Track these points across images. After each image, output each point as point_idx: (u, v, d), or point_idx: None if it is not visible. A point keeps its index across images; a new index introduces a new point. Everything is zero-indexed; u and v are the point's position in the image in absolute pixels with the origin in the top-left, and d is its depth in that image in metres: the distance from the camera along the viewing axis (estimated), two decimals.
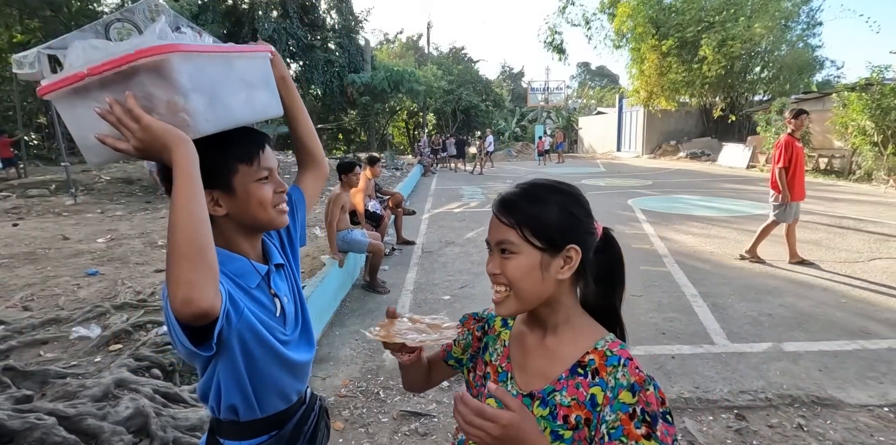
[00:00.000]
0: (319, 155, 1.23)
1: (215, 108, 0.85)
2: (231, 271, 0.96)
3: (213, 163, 0.91)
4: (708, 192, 11.20)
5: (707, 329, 3.68)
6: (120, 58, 0.77)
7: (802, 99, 16.27)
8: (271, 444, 1.03)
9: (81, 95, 0.82)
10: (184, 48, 0.79)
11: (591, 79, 54.01)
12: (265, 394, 1.01)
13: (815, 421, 2.55)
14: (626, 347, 0.84)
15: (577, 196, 0.86)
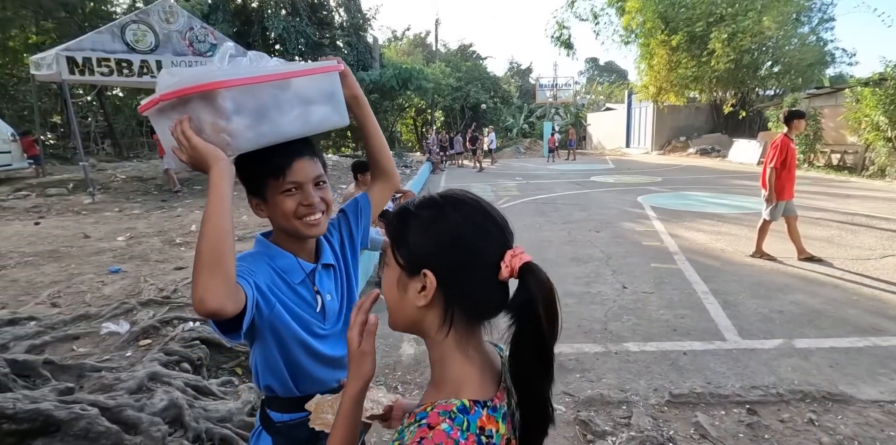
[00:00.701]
0: (389, 168, 1.28)
1: (259, 126, 0.96)
2: (279, 266, 1.07)
3: (250, 175, 1.06)
4: (718, 189, 11.17)
5: (718, 326, 3.72)
6: (177, 90, 0.91)
7: (815, 94, 16.12)
8: (304, 422, 1.08)
9: (164, 113, 0.98)
10: (227, 84, 0.90)
11: (599, 75, 53.70)
12: (301, 380, 1.11)
13: (826, 416, 2.60)
14: (458, 420, 0.64)
15: (459, 222, 0.69)
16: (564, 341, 3.53)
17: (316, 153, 1.09)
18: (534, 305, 0.67)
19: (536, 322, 0.67)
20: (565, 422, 2.59)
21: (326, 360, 1.13)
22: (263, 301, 0.99)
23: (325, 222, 1.10)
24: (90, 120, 19.05)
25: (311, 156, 1.07)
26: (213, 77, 0.89)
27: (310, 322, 1.09)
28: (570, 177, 14.78)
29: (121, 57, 8.65)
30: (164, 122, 0.98)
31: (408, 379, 3.05)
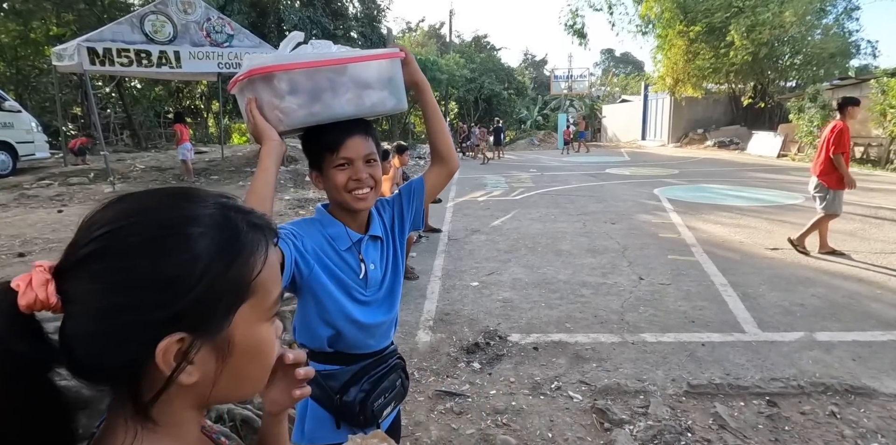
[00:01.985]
0: (447, 153, 1.35)
1: (312, 106, 1.07)
2: (329, 233, 1.19)
3: (309, 150, 1.18)
4: (737, 181, 10.98)
5: (737, 318, 3.68)
6: (244, 72, 1.06)
7: (838, 85, 15.71)
8: (337, 373, 1.21)
9: (242, 93, 1.12)
10: (277, 68, 1.03)
11: (615, 66, 52.92)
12: (335, 339, 1.21)
13: (849, 409, 2.56)
14: None
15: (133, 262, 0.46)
16: (580, 330, 3.52)
17: (370, 133, 1.17)
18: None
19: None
20: (582, 410, 2.59)
21: (362, 325, 1.21)
22: (303, 262, 1.11)
23: (372, 197, 1.18)
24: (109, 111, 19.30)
25: (364, 135, 1.15)
26: (270, 62, 1.03)
27: (351, 287, 1.19)
28: (585, 169, 14.65)
29: (140, 48, 8.72)
30: (242, 100, 1.12)
31: (424, 366, 3.07)
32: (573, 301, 4.04)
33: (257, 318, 0.51)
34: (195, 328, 0.45)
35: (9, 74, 16.99)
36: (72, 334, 0.45)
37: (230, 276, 0.47)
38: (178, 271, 0.44)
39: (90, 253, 0.45)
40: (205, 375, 0.47)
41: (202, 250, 0.45)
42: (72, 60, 8.48)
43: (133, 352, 0.44)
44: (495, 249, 5.70)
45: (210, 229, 0.47)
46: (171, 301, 0.44)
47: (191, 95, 22.53)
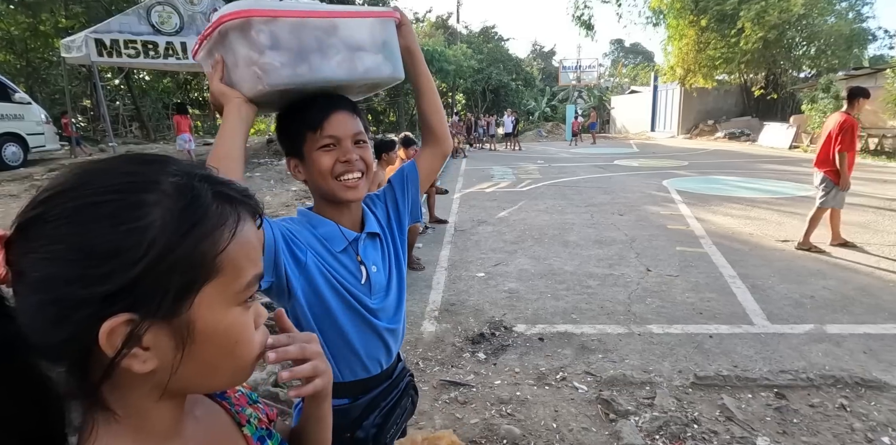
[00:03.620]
0: (441, 132, 1.18)
1: (297, 65, 0.92)
2: (321, 234, 1.02)
3: (289, 131, 1.00)
4: (748, 173, 10.84)
5: (746, 310, 3.64)
6: (214, 22, 0.91)
7: (853, 75, 15.42)
8: (346, 409, 1.04)
9: (211, 56, 0.97)
10: (260, 13, 0.88)
11: (624, 56, 52.27)
12: (342, 358, 1.03)
13: (859, 402, 2.53)
14: None
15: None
16: (586, 321, 3.50)
17: (356, 111, 1.02)
18: None
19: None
20: (587, 401, 2.58)
21: (374, 335, 1.05)
22: (291, 258, 0.95)
23: (364, 185, 1.02)
24: (118, 103, 19.39)
25: (352, 112, 1.01)
26: (246, 7, 0.87)
27: (355, 295, 1.02)
28: (593, 160, 14.53)
29: (147, 39, 8.72)
30: (208, 66, 0.98)
31: (429, 356, 3.07)
32: (579, 292, 4.02)
33: (226, 301, 0.44)
34: (144, 308, 0.40)
35: (19, 66, 17.11)
36: (20, 308, 0.41)
37: (186, 250, 0.41)
38: (120, 242, 0.39)
39: (30, 219, 0.41)
40: (164, 363, 0.42)
41: (153, 220, 0.40)
42: (80, 52, 8.50)
43: (72, 330, 0.39)
44: (502, 240, 5.68)
45: (167, 197, 0.41)
46: (111, 276, 0.38)
47: (198, 87, 22.56)
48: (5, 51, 16.98)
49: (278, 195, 6.95)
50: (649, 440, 2.26)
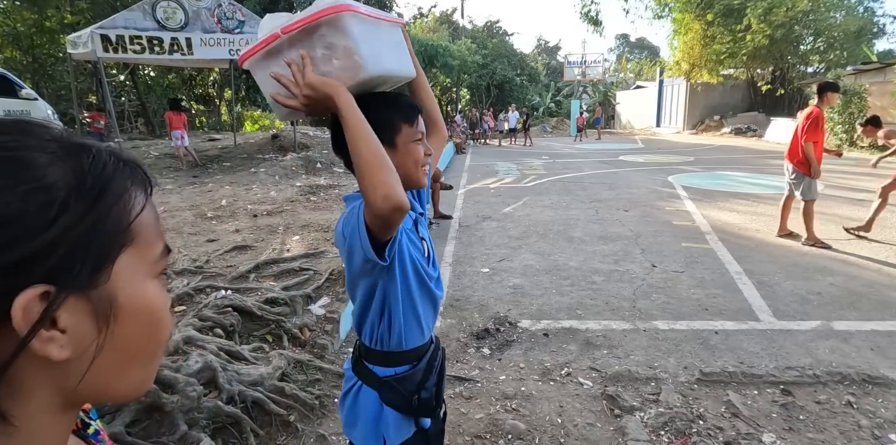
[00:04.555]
0: (439, 119, 1.32)
1: (375, 58, 1.01)
2: None
3: (382, 120, 1.05)
4: (754, 169, 10.77)
5: (752, 306, 3.62)
6: (309, 16, 0.94)
7: (862, 70, 15.24)
8: (410, 375, 1.15)
9: (272, 56, 0.99)
10: (354, 9, 0.97)
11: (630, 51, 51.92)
12: (409, 327, 1.13)
13: (866, 399, 2.52)
14: None
15: None
16: (591, 317, 3.49)
17: None
18: None
19: None
20: (592, 397, 2.58)
21: (435, 303, 1.19)
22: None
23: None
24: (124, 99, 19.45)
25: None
26: (338, 2, 0.94)
27: (424, 267, 1.14)
28: (598, 156, 14.47)
29: (152, 34, 8.71)
30: (267, 69, 1.00)
31: None
32: (584, 288, 4.01)
33: (144, 273, 0.39)
34: (60, 278, 0.33)
35: (25, 62, 17.16)
36: None
37: (101, 212, 0.36)
38: (24, 204, 0.33)
39: None
40: (79, 349, 0.35)
41: (56, 179, 0.34)
42: (86, 48, 8.50)
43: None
44: (506, 235, 5.67)
45: (63, 155, 0.36)
46: (18, 241, 0.32)
47: (203, 83, 22.59)
48: (12, 47, 17.05)
49: (283, 191, 6.96)
50: (654, 436, 2.26)
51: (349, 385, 1.19)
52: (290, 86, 0.97)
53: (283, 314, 2.92)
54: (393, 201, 0.89)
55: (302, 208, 5.83)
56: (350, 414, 1.17)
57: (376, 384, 1.15)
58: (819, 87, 4.98)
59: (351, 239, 1.00)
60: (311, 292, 3.24)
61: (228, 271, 3.51)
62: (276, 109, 1.07)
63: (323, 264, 3.73)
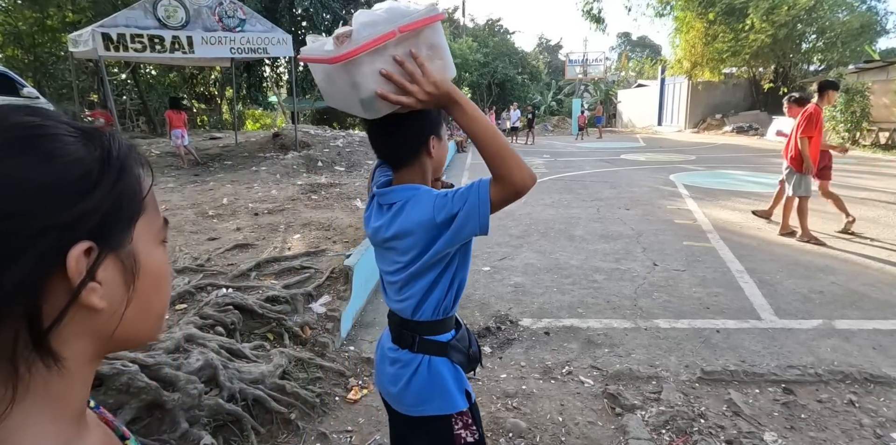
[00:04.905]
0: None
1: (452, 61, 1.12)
2: None
3: (435, 116, 1.20)
4: (756, 167, 10.75)
5: (754, 305, 3.62)
6: (426, 18, 1.00)
7: (864, 68, 15.18)
8: (463, 334, 1.29)
9: (378, 53, 0.99)
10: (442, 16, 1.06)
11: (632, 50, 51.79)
12: (462, 292, 1.27)
13: (868, 398, 2.51)
14: None
15: None
16: (593, 316, 3.49)
17: None
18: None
19: None
20: (593, 395, 2.58)
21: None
22: None
23: None
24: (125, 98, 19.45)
25: None
26: (435, 8, 1.02)
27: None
28: (599, 155, 14.45)
29: (153, 33, 8.70)
30: (366, 67, 0.99)
31: None
32: (586, 287, 4.01)
33: (153, 237, 0.45)
34: (98, 237, 0.39)
35: (27, 61, 17.16)
36: None
37: (125, 183, 0.42)
38: (67, 173, 0.38)
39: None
40: (114, 301, 0.41)
41: (85, 154, 0.40)
42: (87, 46, 8.50)
43: (30, 267, 0.36)
44: (507, 234, 5.67)
45: (83, 135, 0.41)
46: (70, 203, 0.38)
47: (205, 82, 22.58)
48: (13, 46, 17.05)
49: (284, 189, 6.96)
50: (655, 434, 2.26)
51: (414, 365, 1.23)
52: (406, 83, 1.00)
53: (284, 313, 2.92)
54: (534, 178, 1.06)
55: (303, 207, 5.83)
56: (423, 391, 1.23)
57: (444, 350, 1.24)
58: (819, 85, 5.00)
59: (462, 220, 1.07)
60: (311, 290, 3.24)
61: (229, 270, 3.51)
62: (368, 106, 1.04)
63: (324, 263, 3.73)
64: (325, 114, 22.99)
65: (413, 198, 1.15)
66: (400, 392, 1.26)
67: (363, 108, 1.05)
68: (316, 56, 1.02)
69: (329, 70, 1.02)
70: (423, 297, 1.20)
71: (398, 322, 1.26)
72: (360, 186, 7.05)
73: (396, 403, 1.29)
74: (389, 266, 1.23)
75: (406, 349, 1.25)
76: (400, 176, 1.22)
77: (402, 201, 1.16)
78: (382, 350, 1.33)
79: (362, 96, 1.02)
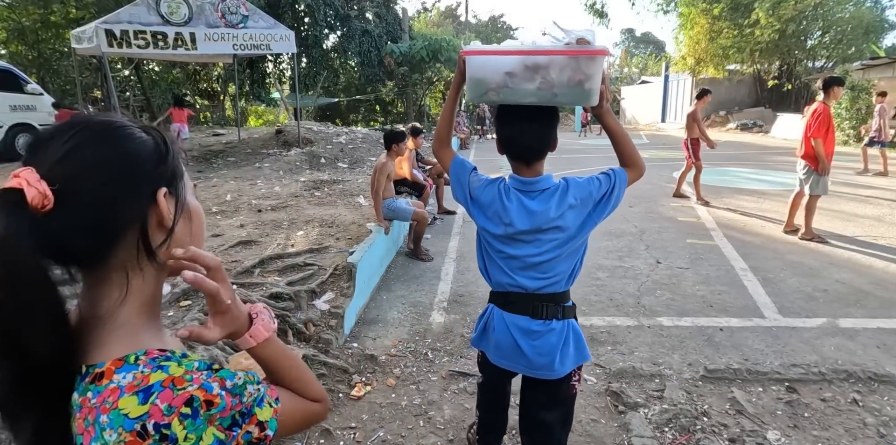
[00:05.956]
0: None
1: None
2: None
3: None
4: (760, 165, 10.70)
5: (757, 303, 3.61)
6: (598, 50, 1.27)
7: (870, 65, 15.08)
8: None
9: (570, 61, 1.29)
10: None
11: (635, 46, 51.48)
12: None
13: (872, 397, 2.51)
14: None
15: None
16: (596, 314, 3.49)
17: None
18: None
19: None
20: (596, 393, 2.58)
21: None
22: None
23: None
24: (128, 94, 19.46)
25: None
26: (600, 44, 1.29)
27: None
28: (602, 152, 14.39)
29: (156, 29, 8.69)
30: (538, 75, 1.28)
31: (437, 346, 3.08)
32: (589, 284, 4.00)
33: (189, 190, 0.68)
34: (169, 186, 0.62)
35: (31, 57, 17.18)
36: (67, 221, 0.54)
37: (173, 155, 0.65)
38: (154, 146, 0.62)
39: (84, 141, 0.58)
40: (182, 231, 0.64)
41: (152, 138, 0.63)
42: (90, 43, 8.50)
43: (138, 205, 0.59)
44: None
45: (139, 126, 0.64)
46: (161, 162, 0.62)
47: (208, 78, 22.57)
48: (17, 42, 17.06)
49: (287, 186, 6.96)
50: (658, 432, 2.26)
51: (566, 330, 1.47)
52: (607, 86, 1.34)
53: (288, 309, 2.93)
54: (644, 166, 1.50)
55: (306, 204, 5.84)
56: (576, 349, 1.49)
57: (575, 311, 1.52)
58: (825, 82, 4.95)
59: (617, 195, 1.45)
60: (315, 287, 3.25)
61: (233, 267, 3.51)
62: (589, 95, 1.31)
63: (327, 260, 3.74)
64: (327, 110, 22.97)
65: (571, 182, 1.44)
66: (553, 358, 1.43)
67: (583, 96, 1.30)
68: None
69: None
70: (574, 269, 1.48)
71: (537, 298, 1.45)
72: (363, 182, 7.04)
73: (545, 370, 1.45)
74: (540, 248, 1.42)
75: (552, 319, 1.45)
76: (534, 169, 1.44)
77: (554, 186, 1.43)
78: (512, 329, 1.46)
79: (592, 87, 1.28)
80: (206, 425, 0.54)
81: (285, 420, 0.64)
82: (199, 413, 0.54)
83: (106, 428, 0.51)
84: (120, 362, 0.56)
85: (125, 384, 0.53)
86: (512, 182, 1.45)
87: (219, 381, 0.57)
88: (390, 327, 3.36)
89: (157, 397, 0.52)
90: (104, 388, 0.54)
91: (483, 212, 1.47)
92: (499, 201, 1.43)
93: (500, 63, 1.29)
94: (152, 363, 0.56)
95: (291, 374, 0.71)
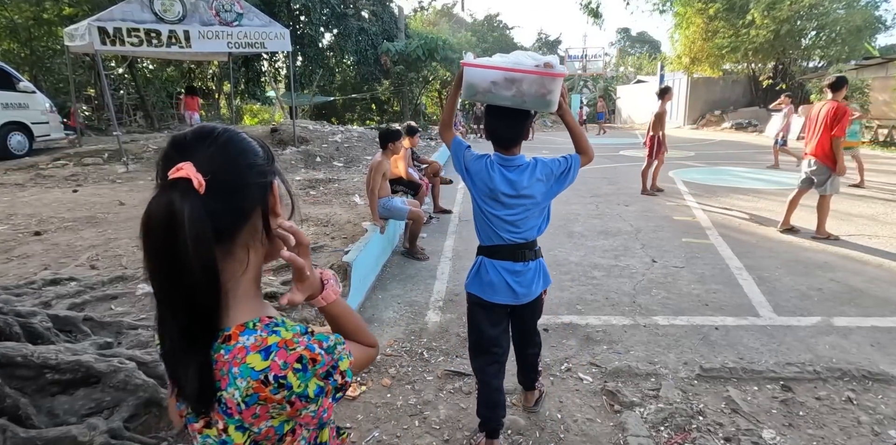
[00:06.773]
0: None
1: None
2: None
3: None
4: (755, 164, 10.75)
5: (752, 302, 3.62)
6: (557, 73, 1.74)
7: (863, 65, 15.17)
8: None
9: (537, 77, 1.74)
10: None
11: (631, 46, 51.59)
12: None
13: (866, 395, 2.52)
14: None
15: None
16: (591, 312, 3.49)
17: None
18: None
19: None
20: (592, 392, 2.58)
21: None
22: None
23: None
24: (122, 92, 19.32)
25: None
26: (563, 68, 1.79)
27: None
28: (598, 151, 14.33)
29: (149, 27, 8.63)
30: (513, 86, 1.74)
31: (433, 346, 3.07)
32: (584, 283, 4.00)
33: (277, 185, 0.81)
34: (274, 178, 0.78)
35: (23, 55, 17.02)
36: (217, 204, 0.68)
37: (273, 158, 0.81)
38: (261, 151, 0.78)
39: (223, 143, 0.73)
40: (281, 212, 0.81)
41: (259, 144, 0.79)
42: (83, 40, 8.43)
43: (262, 189, 0.75)
44: None
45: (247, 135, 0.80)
46: (269, 163, 0.78)
47: (202, 76, 22.45)
48: (9, 39, 16.91)
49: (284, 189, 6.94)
50: (654, 431, 2.26)
51: (539, 266, 2.00)
52: (565, 97, 1.83)
53: (283, 309, 2.91)
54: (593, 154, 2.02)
55: (301, 203, 5.81)
56: (545, 277, 2.03)
57: (541, 253, 2.03)
58: (838, 80, 4.87)
59: (573, 173, 1.93)
60: None
61: None
62: (549, 104, 1.78)
63: (322, 259, 3.72)
64: (323, 109, 22.88)
65: (538, 161, 1.90)
66: (535, 287, 1.97)
67: (544, 104, 1.76)
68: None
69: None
70: (542, 223, 1.96)
71: (519, 246, 1.92)
72: (359, 181, 7.02)
73: (527, 297, 1.97)
74: (514, 209, 1.88)
75: (529, 260, 1.94)
76: (511, 151, 1.89)
77: (526, 164, 1.88)
78: (504, 274, 1.92)
79: (552, 99, 1.75)
80: (312, 376, 0.70)
81: (356, 367, 0.80)
82: (308, 368, 0.69)
83: (237, 377, 0.66)
84: (242, 327, 0.71)
85: (249, 344, 0.69)
86: (496, 158, 1.91)
87: (318, 343, 0.72)
88: (386, 326, 3.34)
89: (275, 355, 0.68)
90: (233, 347, 0.69)
91: (473, 178, 1.93)
92: (485, 171, 1.89)
93: (488, 75, 1.74)
94: (267, 328, 0.71)
95: (352, 326, 0.90)
